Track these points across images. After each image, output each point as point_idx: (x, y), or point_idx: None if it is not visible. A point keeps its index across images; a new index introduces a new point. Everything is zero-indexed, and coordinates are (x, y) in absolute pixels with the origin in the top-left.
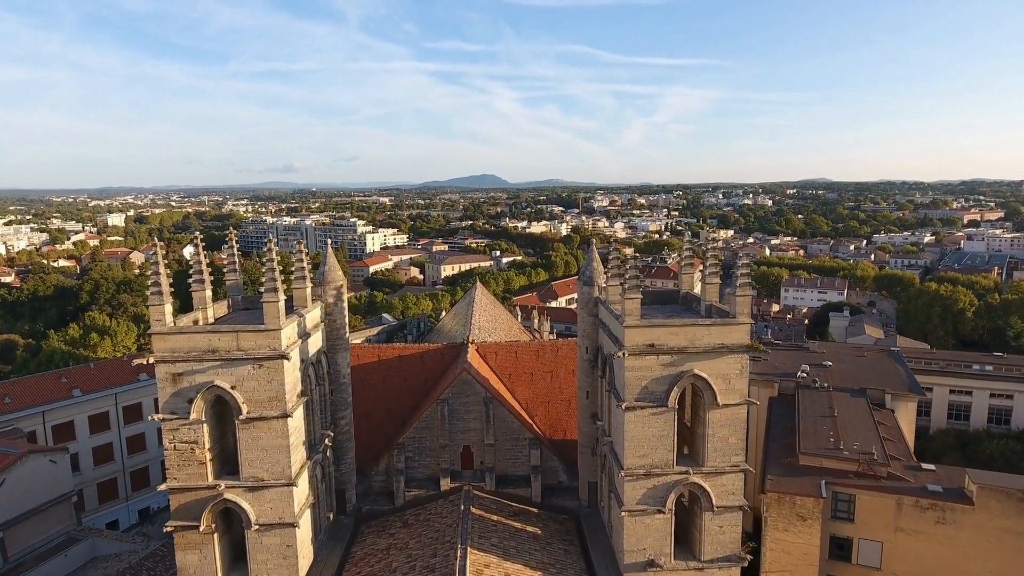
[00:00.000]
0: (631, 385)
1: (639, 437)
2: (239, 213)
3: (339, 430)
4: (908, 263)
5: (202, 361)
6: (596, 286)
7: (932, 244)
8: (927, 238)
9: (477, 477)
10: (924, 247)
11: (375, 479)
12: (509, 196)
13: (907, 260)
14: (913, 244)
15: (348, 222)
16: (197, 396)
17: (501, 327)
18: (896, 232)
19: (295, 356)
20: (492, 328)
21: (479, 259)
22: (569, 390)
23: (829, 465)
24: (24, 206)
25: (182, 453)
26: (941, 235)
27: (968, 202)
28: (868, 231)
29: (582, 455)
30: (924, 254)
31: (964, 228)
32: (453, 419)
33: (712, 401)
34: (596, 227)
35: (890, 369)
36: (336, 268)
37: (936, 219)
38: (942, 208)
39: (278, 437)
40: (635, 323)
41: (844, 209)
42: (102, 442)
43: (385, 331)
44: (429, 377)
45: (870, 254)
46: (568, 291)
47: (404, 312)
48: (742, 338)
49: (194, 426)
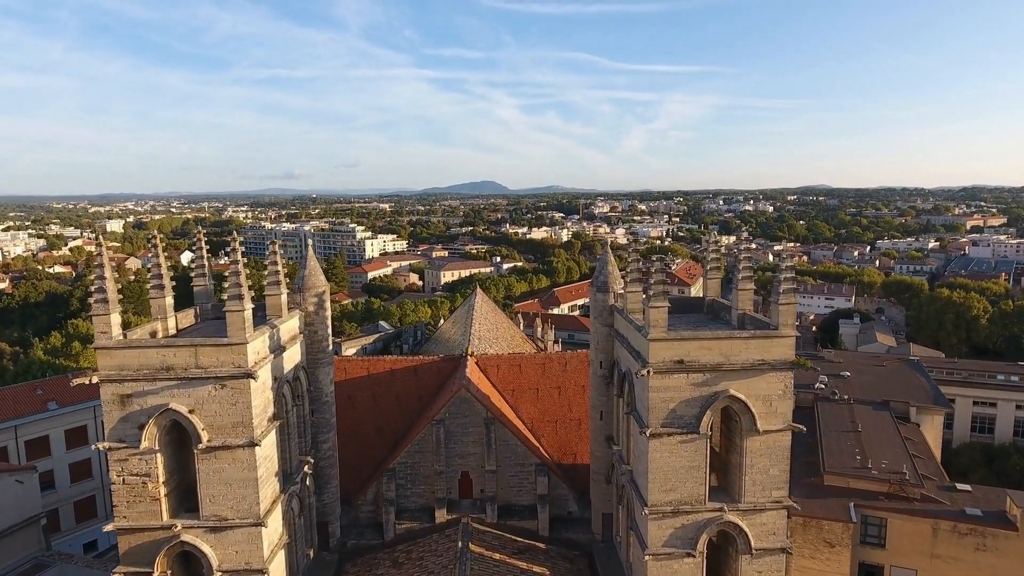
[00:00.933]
0: (656, 408)
1: (665, 468)
2: (238, 219)
3: (321, 455)
4: (914, 269)
5: (155, 380)
6: (611, 292)
7: (937, 250)
8: (931, 244)
9: (477, 508)
10: (929, 253)
11: (362, 509)
12: (509, 202)
13: (912, 266)
14: (918, 250)
15: (347, 228)
16: (149, 421)
17: (503, 336)
18: (899, 238)
19: (265, 373)
20: (493, 337)
21: (479, 265)
22: (579, 408)
23: (856, 486)
24: (24, 212)
25: (132, 488)
26: (945, 241)
27: (970, 208)
28: (871, 237)
29: (595, 483)
30: (929, 260)
31: (968, 234)
32: (450, 442)
33: (750, 427)
34: (597, 233)
35: (912, 380)
36: (318, 273)
37: (939, 225)
38: (944, 214)
39: (244, 469)
40: (661, 336)
41: (846, 215)
42: (80, 458)
43: (381, 339)
44: (424, 394)
45: (874, 260)
46: (570, 297)
47: (402, 319)
48: (786, 353)
49: (146, 456)
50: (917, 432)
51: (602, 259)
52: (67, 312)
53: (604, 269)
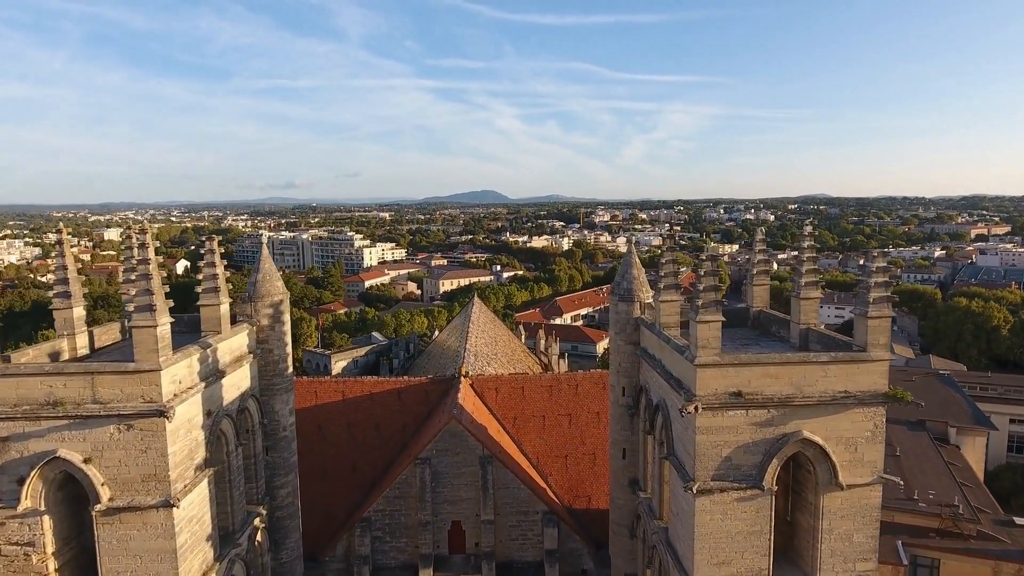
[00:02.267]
0: (706, 455)
1: (717, 534)
2: (237, 228)
3: (277, 504)
4: (922, 278)
5: (38, 419)
6: (637, 302)
7: (943, 259)
8: (937, 252)
9: (470, 566)
10: (936, 262)
11: (331, 568)
12: (510, 211)
13: (920, 275)
14: (924, 258)
15: (345, 236)
16: (32, 474)
17: (502, 351)
18: (904, 246)
19: (191, 408)
20: (491, 353)
21: (479, 274)
22: (593, 440)
23: (902, 520)
24: (24, 221)
25: (12, 561)
26: (951, 250)
27: (972, 217)
28: (876, 245)
29: (616, 536)
30: (937, 269)
31: (973, 243)
32: (438, 485)
33: (829, 479)
34: (599, 241)
35: (947, 396)
36: (274, 278)
37: (943, 234)
38: (947, 223)
39: (158, 537)
40: (713, 360)
41: (849, 224)
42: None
43: (374, 351)
44: (409, 422)
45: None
46: (573, 307)
47: (397, 330)
48: (877, 382)
49: (28, 520)
50: (959, 456)
51: (625, 261)
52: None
53: (628, 273)
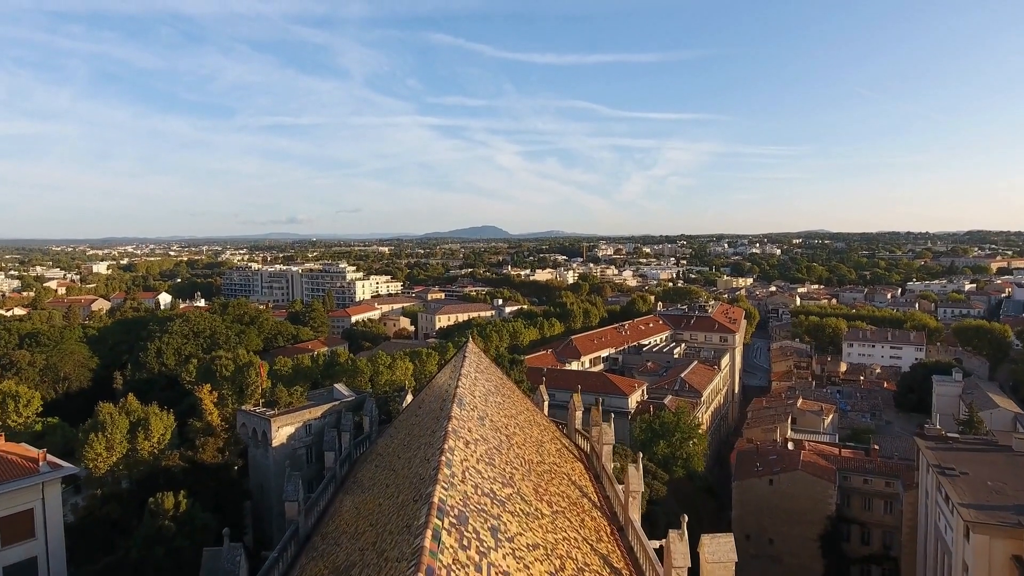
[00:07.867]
0: None
1: None
2: (231, 261)
3: None
4: (961, 312)
5: None
6: None
7: (975, 292)
8: (968, 286)
9: None
10: (969, 295)
11: None
12: (511, 246)
13: (957, 309)
14: (956, 291)
15: (338, 268)
16: None
17: (502, 432)
18: (927, 279)
19: None
20: (485, 457)
21: (479, 308)
22: None
23: None
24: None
25: None
26: (981, 283)
27: (984, 251)
28: (898, 279)
29: None
30: (975, 303)
31: (995, 276)
32: None
33: None
34: (605, 275)
35: None
36: None
37: (964, 267)
38: (963, 256)
39: None
40: None
41: (862, 258)
42: (19, 558)
43: (334, 411)
44: None
45: (913, 303)
46: (593, 348)
47: (374, 378)
48: None
49: None
50: None
51: None
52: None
53: None
